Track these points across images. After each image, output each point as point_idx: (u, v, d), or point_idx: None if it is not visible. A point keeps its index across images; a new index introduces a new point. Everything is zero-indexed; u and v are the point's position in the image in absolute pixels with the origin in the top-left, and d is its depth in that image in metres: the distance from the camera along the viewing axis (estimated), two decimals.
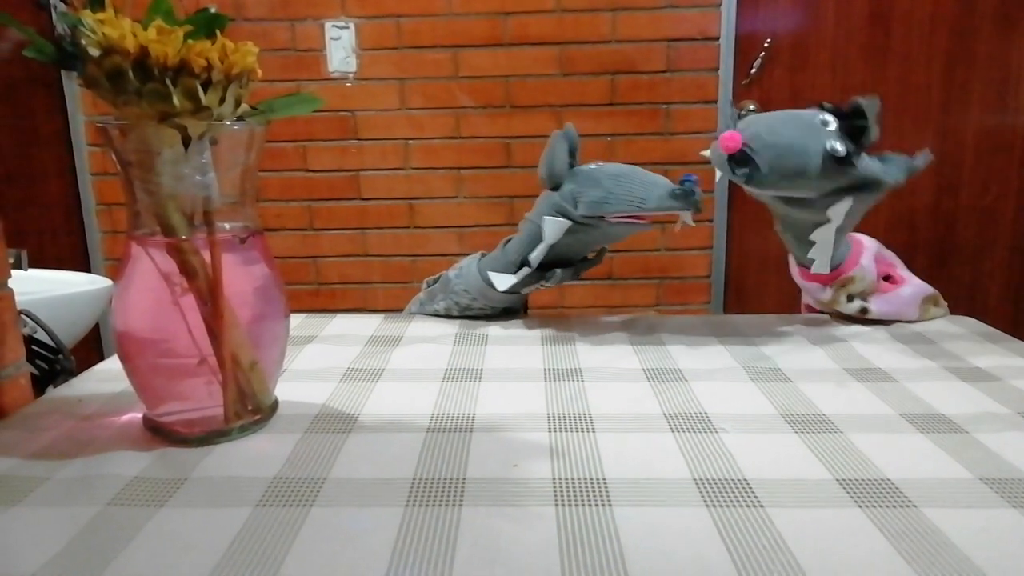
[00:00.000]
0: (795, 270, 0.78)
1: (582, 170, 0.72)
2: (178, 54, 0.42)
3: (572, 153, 0.74)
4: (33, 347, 0.72)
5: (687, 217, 0.70)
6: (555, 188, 0.73)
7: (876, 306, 0.74)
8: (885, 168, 0.66)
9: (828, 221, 0.68)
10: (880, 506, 0.40)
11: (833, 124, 0.64)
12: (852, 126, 0.64)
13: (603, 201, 0.69)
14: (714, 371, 0.62)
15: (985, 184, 2.13)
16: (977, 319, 0.77)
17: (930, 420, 0.52)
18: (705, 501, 0.41)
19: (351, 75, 2.09)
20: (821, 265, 0.70)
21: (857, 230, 0.76)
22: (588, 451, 0.47)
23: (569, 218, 0.71)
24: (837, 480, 0.43)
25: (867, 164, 0.65)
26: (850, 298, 0.74)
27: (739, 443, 0.48)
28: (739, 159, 0.63)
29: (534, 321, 0.78)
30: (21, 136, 2.14)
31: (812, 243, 0.70)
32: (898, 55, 2.07)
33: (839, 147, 0.62)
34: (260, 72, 0.47)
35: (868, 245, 0.76)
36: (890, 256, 0.79)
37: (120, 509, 0.41)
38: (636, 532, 0.38)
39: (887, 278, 0.77)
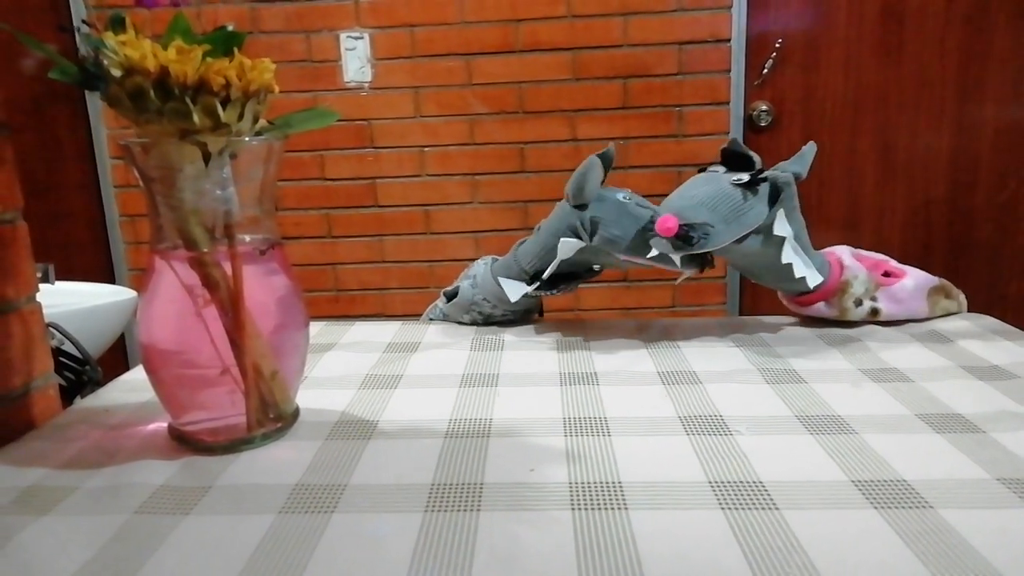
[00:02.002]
0: (792, 305, 0.78)
1: (610, 200, 0.71)
2: (197, 73, 0.43)
3: (606, 170, 0.73)
4: (61, 359, 0.74)
5: (693, 271, 0.72)
6: (578, 206, 0.72)
7: (885, 305, 0.74)
8: (785, 169, 0.71)
9: (783, 238, 0.69)
10: (896, 507, 0.40)
11: (721, 169, 0.71)
12: (737, 166, 0.70)
13: (618, 241, 0.69)
14: (729, 373, 0.62)
15: (1002, 180, 2.11)
16: (995, 317, 0.77)
17: (946, 420, 0.52)
18: (720, 504, 0.41)
19: (366, 85, 2.12)
20: (813, 277, 0.70)
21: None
22: (604, 455, 0.48)
23: (583, 241, 0.71)
24: (853, 482, 0.43)
25: (773, 173, 0.69)
26: (858, 303, 0.74)
27: (754, 445, 0.49)
28: (683, 236, 0.65)
29: (549, 325, 0.79)
30: (46, 151, 2.19)
31: (789, 269, 0.70)
32: (912, 51, 2.05)
33: (742, 176, 0.68)
34: (277, 88, 0.48)
35: (841, 251, 0.77)
36: (873, 255, 0.78)
37: (147, 517, 0.42)
38: (652, 535, 0.39)
39: (885, 275, 0.77)
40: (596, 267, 0.79)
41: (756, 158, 0.69)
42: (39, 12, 2.11)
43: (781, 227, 0.69)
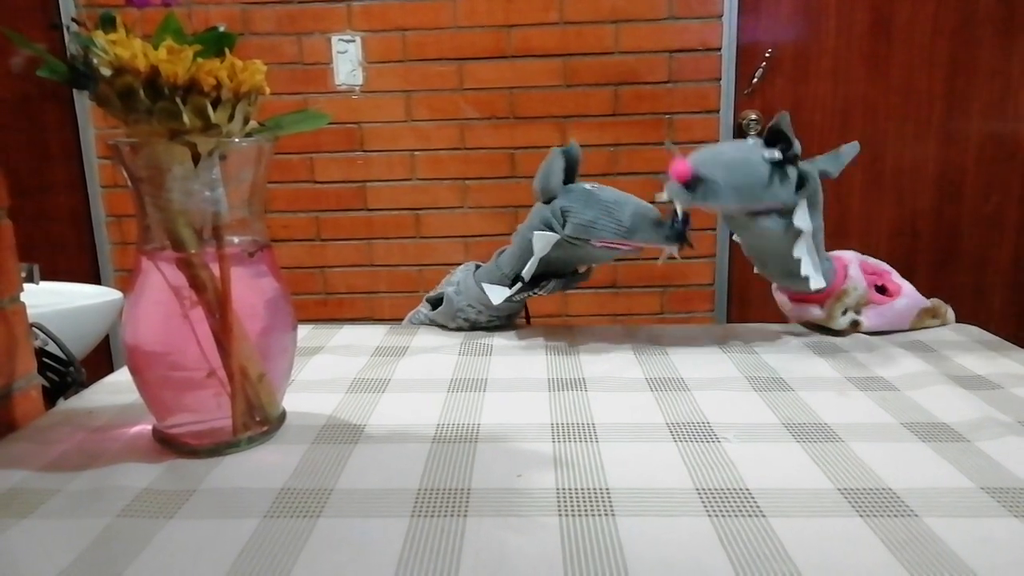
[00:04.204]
0: (783, 299, 0.78)
1: (577, 189, 0.73)
2: (188, 73, 0.43)
3: (573, 169, 0.74)
4: (44, 359, 0.73)
5: (673, 250, 0.72)
6: (548, 201, 0.73)
7: (868, 319, 0.75)
8: (814, 164, 0.71)
9: (800, 232, 0.69)
10: (882, 516, 0.41)
11: (761, 143, 0.70)
12: (777, 144, 0.70)
13: (590, 226, 0.70)
14: (717, 380, 0.63)
15: (988, 192, 2.13)
16: (980, 327, 0.77)
17: (932, 429, 0.52)
18: (707, 511, 0.41)
19: (357, 88, 2.11)
20: (817, 280, 0.70)
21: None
22: (591, 461, 0.48)
23: (556, 232, 0.72)
24: (839, 489, 0.44)
25: (801, 165, 0.70)
26: (843, 312, 0.74)
27: (741, 453, 0.49)
28: (693, 185, 0.66)
29: (538, 331, 0.79)
30: (33, 150, 2.17)
31: (797, 266, 0.70)
32: (900, 63, 2.07)
33: (775, 154, 0.68)
34: (268, 89, 0.48)
35: (850, 257, 0.77)
36: (877, 264, 0.79)
37: (130, 521, 0.41)
38: (639, 542, 0.39)
39: (882, 289, 0.77)
40: (581, 270, 0.79)
41: (796, 142, 0.68)
42: (28, 10, 2.10)
43: (801, 219, 0.68)
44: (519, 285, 0.75)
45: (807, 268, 0.69)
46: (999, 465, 0.46)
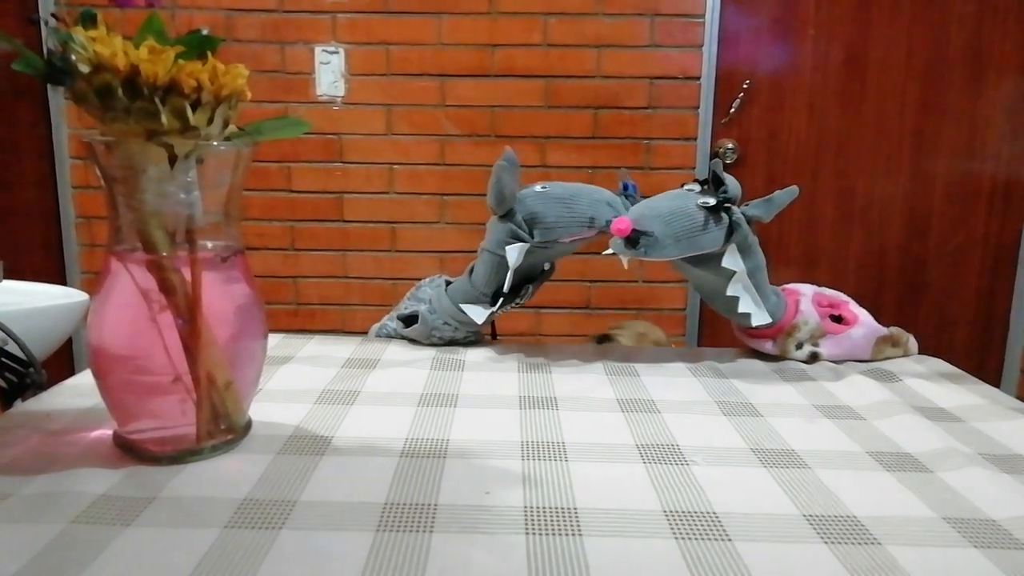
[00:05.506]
0: (740, 334, 0.80)
1: (530, 195, 0.74)
2: (168, 74, 0.43)
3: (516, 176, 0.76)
4: (3, 359, 0.71)
5: (624, 261, 0.74)
6: (504, 215, 0.74)
7: (827, 350, 0.76)
8: (745, 210, 0.73)
9: (733, 272, 0.71)
10: (846, 543, 0.41)
11: (697, 188, 0.74)
12: (714, 188, 0.72)
13: (556, 226, 0.73)
14: (687, 403, 0.63)
15: (953, 228, 2.19)
16: (943, 359, 0.79)
17: (896, 459, 0.53)
18: (674, 533, 0.41)
19: (339, 99, 2.11)
20: (759, 316, 0.72)
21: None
22: (560, 480, 0.48)
23: (526, 242, 0.73)
24: (804, 516, 0.44)
25: (734, 211, 0.72)
26: (799, 346, 0.75)
27: (709, 476, 0.49)
28: (634, 239, 0.69)
29: (511, 348, 0.79)
30: (3, 146, 2.12)
31: (736, 304, 0.72)
32: (872, 101, 2.13)
33: (709, 200, 0.70)
34: (249, 94, 0.47)
35: (804, 291, 0.78)
36: (835, 295, 0.80)
37: (85, 527, 0.40)
38: (605, 562, 0.38)
39: (839, 318, 0.78)
40: (547, 267, 0.80)
41: (730, 185, 0.71)
42: (4, 3, 2.07)
43: (730, 261, 0.71)
44: (502, 299, 0.75)
45: (746, 306, 0.72)
46: (961, 496, 0.47)
